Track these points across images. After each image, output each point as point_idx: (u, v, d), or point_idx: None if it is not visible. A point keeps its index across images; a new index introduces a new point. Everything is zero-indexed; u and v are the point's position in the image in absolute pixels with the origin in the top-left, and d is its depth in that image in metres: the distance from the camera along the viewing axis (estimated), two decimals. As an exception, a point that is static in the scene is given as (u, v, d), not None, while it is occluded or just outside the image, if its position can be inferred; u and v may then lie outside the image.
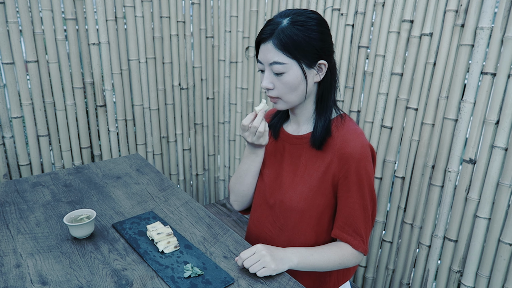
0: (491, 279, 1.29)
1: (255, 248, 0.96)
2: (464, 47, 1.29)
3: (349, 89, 1.68)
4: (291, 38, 0.92)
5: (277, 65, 0.95)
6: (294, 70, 0.95)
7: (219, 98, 2.31)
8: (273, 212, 1.11)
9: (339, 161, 1.00)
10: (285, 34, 0.92)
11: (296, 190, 1.05)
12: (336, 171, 1.01)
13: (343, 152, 0.99)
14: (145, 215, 1.21)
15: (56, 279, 0.93)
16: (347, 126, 1.03)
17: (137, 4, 1.85)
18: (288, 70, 0.95)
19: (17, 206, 1.25)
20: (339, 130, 1.02)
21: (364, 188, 1.01)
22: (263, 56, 0.97)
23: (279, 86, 0.97)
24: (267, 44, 0.95)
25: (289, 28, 0.92)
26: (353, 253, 1.04)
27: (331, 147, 1.01)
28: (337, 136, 1.01)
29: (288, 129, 1.12)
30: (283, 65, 0.94)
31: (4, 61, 1.56)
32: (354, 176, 0.99)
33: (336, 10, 1.67)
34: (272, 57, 0.95)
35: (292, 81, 0.95)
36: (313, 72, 0.97)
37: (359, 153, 0.98)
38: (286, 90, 0.97)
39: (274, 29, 0.94)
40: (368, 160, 1.00)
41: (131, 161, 1.65)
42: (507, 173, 1.21)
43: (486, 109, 1.26)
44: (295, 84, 0.96)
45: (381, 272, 1.68)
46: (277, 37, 0.93)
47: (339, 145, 1.00)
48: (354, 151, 0.98)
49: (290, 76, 0.95)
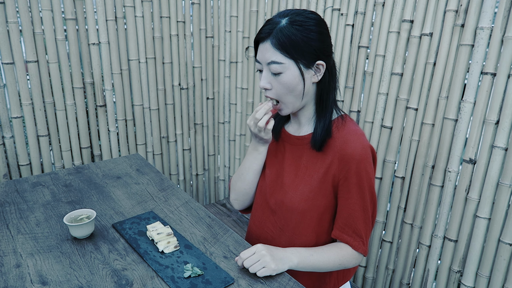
0: (491, 279, 1.29)
1: (255, 248, 0.96)
2: (464, 47, 1.29)
3: (349, 89, 1.68)
4: (289, 37, 0.92)
5: (274, 65, 0.94)
6: (291, 70, 0.94)
7: (219, 98, 2.31)
8: (273, 212, 1.11)
9: (339, 162, 1.00)
10: (283, 34, 0.92)
11: (297, 191, 1.05)
12: (337, 172, 1.01)
13: (343, 153, 0.99)
14: (145, 215, 1.21)
15: (56, 279, 0.93)
16: (348, 127, 1.02)
17: (137, 4, 1.85)
18: (285, 70, 0.94)
19: (17, 206, 1.25)
20: (340, 131, 1.02)
21: (364, 189, 1.01)
22: (261, 55, 0.97)
23: (277, 86, 0.97)
24: (265, 43, 0.95)
25: (287, 28, 0.92)
26: (353, 254, 1.04)
27: (332, 148, 1.01)
28: (337, 137, 1.01)
29: (289, 130, 1.12)
30: (280, 65, 0.94)
31: (4, 61, 1.56)
32: (355, 177, 0.99)
33: (336, 10, 1.67)
34: (270, 57, 0.94)
35: (289, 81, 0.95)
36: (310, 73, 0.97)
37: (360, 154, 0.98)
38: (283, 90, 0.97)
39: (272, 29, 0.94)
40: (369, 161, 1.00)
41: (131, 161, 1.65)
42: (507, 173, 1.21)
43: (486, 109, 1.26)
44: (292, 84, 0.96)
45: (381, 272, 1.68)
46: (275, 37, 0.93)
47: (340, 146, 1.00)
48: (354, 152, 0.98)
49: (288, 76, 0.95)
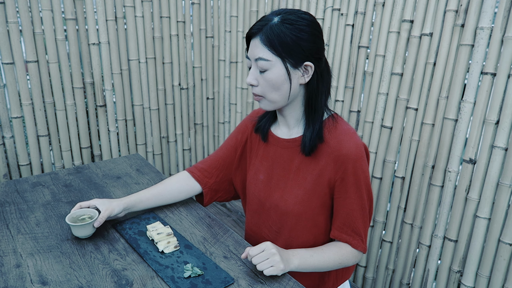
0: (491, 279, 1.29)
1: (264, 246, 0.94)
2: (464, 47, 1.29)
3: (349, 89, 1.68)
4: (278, 35, 0.92)
5: (261, 61, 0.94)
6: (277, 68, 0.94)
7: (219, 98, 2.31)
8: (269, 216, 1.11)
9: (335, 163, 0.99)
10: (272, 31, 0.92)
11: (291, 194, 1.05)
12: (333, 173, 1.00)
13: (338, 154, 0.99)
14: (145, 215, 1.21)
15: (56, 279, 0.93)
16: (340, 127, 1.02)
17: (137, 4, 1.85)
18: (271, 67, 0.94)
19: (17, 206, 1.25)
20: (332, 133, 1.01)
21: (361, 188, 1.01)
22: (250, 52, 0.97)
23: (262, 83, 0.97)
24: (255, 39, 0.95)
25: (277, 26, 0.92)
26: (352, 253, 1.04)
27: (325, 149, 1.01)
28: (330, 138, 1.00)
29: (278, 132, 1.10)
30: (267, 62, 0.94)
31: (4, 61, 1.56)
32: (352, 177, 0.99)
33: (336, 10, 1.67)
34: (257, 53, 0.95)
35: (275, 79, 0.95)
36: (298, 73, 0.96)
37: (355, 154, 0.98)
38: (268, 88, 0.97)
39: (263, 25, 0.94)
40: (363, 159, 1.00)
41: (131, 161, 1.65)
42: (507, 173, 1.21)
43: (486, 109, 1.26)
44: (278, 82, 0.95)
45: (381, 272, 1.68)
46: (265, 33, 0.93)
47: (334, 147, 0.99)
48: (349, 152, 0.98)
49: (273, 74, 0.95)
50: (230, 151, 1.21)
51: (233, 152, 1.21)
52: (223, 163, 1.22)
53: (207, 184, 1.22)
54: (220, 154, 1.22)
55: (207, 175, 1.22)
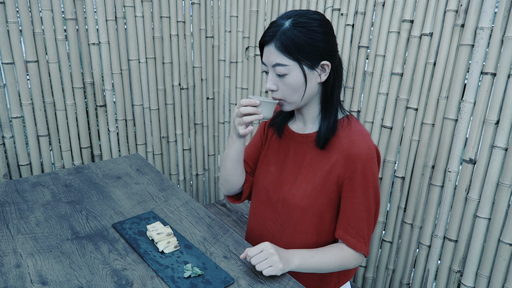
0: (491, 279, 1.29)
1: (263, 246, 0.95)
2: (464, 47, 1.29)
3: (349, 89, 1.68)
4: (292, 40, 0.93)
5: (279, 67, 0.95)
6: (296, 71, 0.95)
7: (219, 98, 2.31)
8: (275, 209, 1.11)
9: (345, 162, 1.00)
10: (286, 36, 0.93)
11: (300, 188, 1.05)
12: (342, 171, 1.01)
13: (349, 153, 0.99)
14: (145, 215, 1.21)
15: (56, 279, 0.93)
16: (354, 127, 1.03)
17: (137, 4, 1.85)
18: (290, 72, 0.95)
19: (17, 206, 1.25)
20: (345, 131, 1.02)
21: (369, 189, 1.01)
22: (266, 58, 0.98)
23: (282, 88, 0.98)
24: (270, 46, 0.96)
25: (290, 30, 0.93)
26: (354, 255, 1.04)
27: (337, 147, 1.02)
28: (343, 136, 1.01)
29: (293, 127, 1.12)
30: (285, 67, 0.95)
31: (4, 61, 1.56)
32: (360, 177, 0.99)
33: (336, 10, 1.67)
34: (274, 59, 0.95)
35: (294, 83, 0.96)
36: (315, 73, 0.98)
37: (366, 154, 0.99)
38: (288, 91, 0.98)
39: (276, 31, 0.94)
40: (374, 161, 1.01)
41: (131, 161, 1.65)
42: (507, 173, 1.21)
43: (486, 109, 1.26)
44: (297, 85, 0.97)
45: (381, 272, 1.68)
46: (279, 39, 0.94)
47: (346, 146, 1.00)
48: (360, 152, 0.98)
49: (293, 78, 0.96)
50: (258, 148, 1.23)
51: (260, 148, 1.23)
52: (255, 160, 1.24)
53: (248, 179, 1.24)
54: (248, 151, 1.24)
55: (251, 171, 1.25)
